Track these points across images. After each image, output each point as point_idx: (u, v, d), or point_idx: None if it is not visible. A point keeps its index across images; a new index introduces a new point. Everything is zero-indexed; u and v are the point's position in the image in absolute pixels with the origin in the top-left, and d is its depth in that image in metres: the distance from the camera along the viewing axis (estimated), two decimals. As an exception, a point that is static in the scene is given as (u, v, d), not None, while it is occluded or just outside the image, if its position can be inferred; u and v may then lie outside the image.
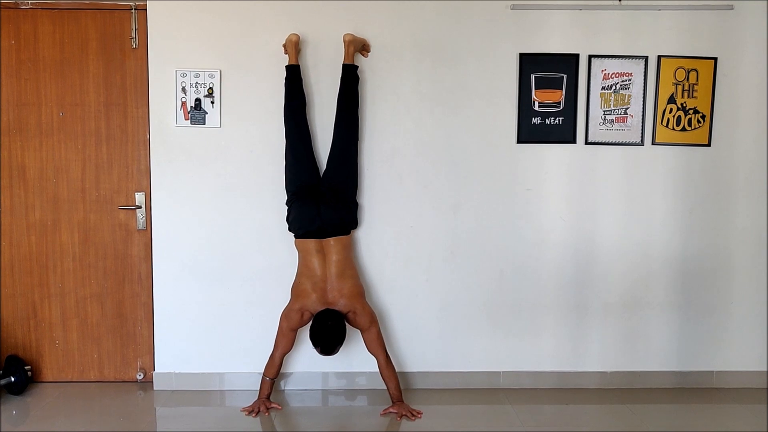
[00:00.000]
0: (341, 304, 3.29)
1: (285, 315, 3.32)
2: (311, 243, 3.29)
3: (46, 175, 3.54)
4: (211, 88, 3.45)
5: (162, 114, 3.47)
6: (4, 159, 3.54)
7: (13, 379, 3.48)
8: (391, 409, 3.29)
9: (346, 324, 3.29)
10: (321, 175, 3.36)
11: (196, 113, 3.45)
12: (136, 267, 3.65)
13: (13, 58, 3.49)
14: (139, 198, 3.58)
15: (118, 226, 3.63)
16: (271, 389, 3.42)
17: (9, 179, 3.56)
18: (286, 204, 3.37)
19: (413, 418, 3.23)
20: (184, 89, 3.43)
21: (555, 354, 3.60)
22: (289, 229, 3.37)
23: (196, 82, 3.43)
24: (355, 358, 3.46)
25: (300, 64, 3.34)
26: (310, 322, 3.29)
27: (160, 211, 3.49)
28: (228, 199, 3.51)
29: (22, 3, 3.51)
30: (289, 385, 3.57)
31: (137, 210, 3.60)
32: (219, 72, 3.40)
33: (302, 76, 3.35)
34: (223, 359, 3.60)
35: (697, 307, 3.65)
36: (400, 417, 3.24)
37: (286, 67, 3.31)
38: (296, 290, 3.34)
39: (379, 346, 3.31)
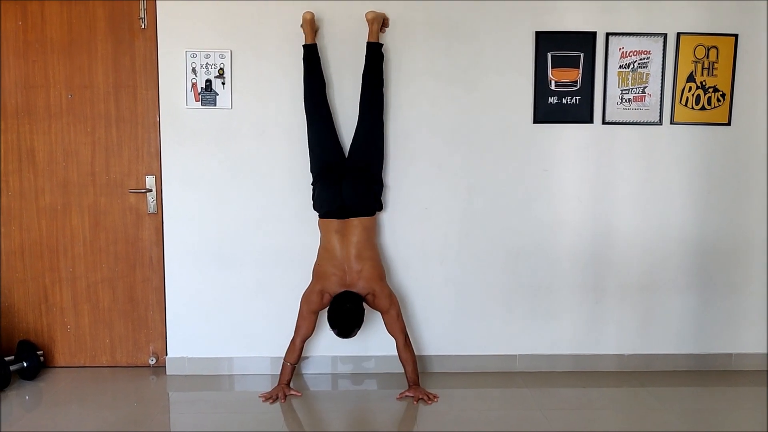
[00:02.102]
0: (360, 286, 3.28)
1: (305, 297, 3.32)
2: (333, 223, 3.28)
3: (55, 158, 3.54)
4: (221, 69, 3.42)
5: (172, 96, 3.45)
6: (13, 142, 3.54)
7: (25, 364, 3.51)
8: (407, 393, 3.30)
9: (366, 306, 3.28)
10: (346, 154, 3.34)
11: (207, 94, 3.44)
12: (147, 251, 3.66)
13: (20, 39, 3.46)
14: (150, 181, 3.57)
15: (128, 209, 3.63)
16: (292, 375, 3.39)
17: (18, 163, 3.57)
18: (311, 185, 3.36)
19: (429, 401, 3.23)
20: (194, 70, 3.41)
21: (571, 337, 3.61)
22: (314, 208, 3.36)
23: (207, 63, 3.40)
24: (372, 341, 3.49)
25: (317, 42, 3.31)
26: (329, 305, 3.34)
27: (171, 194, 3.49)
28: (240, 182, 3.50)
29: None
30: (304, 370, 3.59)
31: (147, 193, 3.59)
32: (230, 52, 3.37)
33: (320, 55, 3.31)
34: (236, 343, 3.60)
35: (715, 288, 3.63)
36: (417, 401, 3.24)
37: (303, 46, 3.29)
38: (317, 272, 3.35)
39: (398, 328, 3.31)
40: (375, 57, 3.28)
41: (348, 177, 3.27)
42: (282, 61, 3.40)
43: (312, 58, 3.29)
